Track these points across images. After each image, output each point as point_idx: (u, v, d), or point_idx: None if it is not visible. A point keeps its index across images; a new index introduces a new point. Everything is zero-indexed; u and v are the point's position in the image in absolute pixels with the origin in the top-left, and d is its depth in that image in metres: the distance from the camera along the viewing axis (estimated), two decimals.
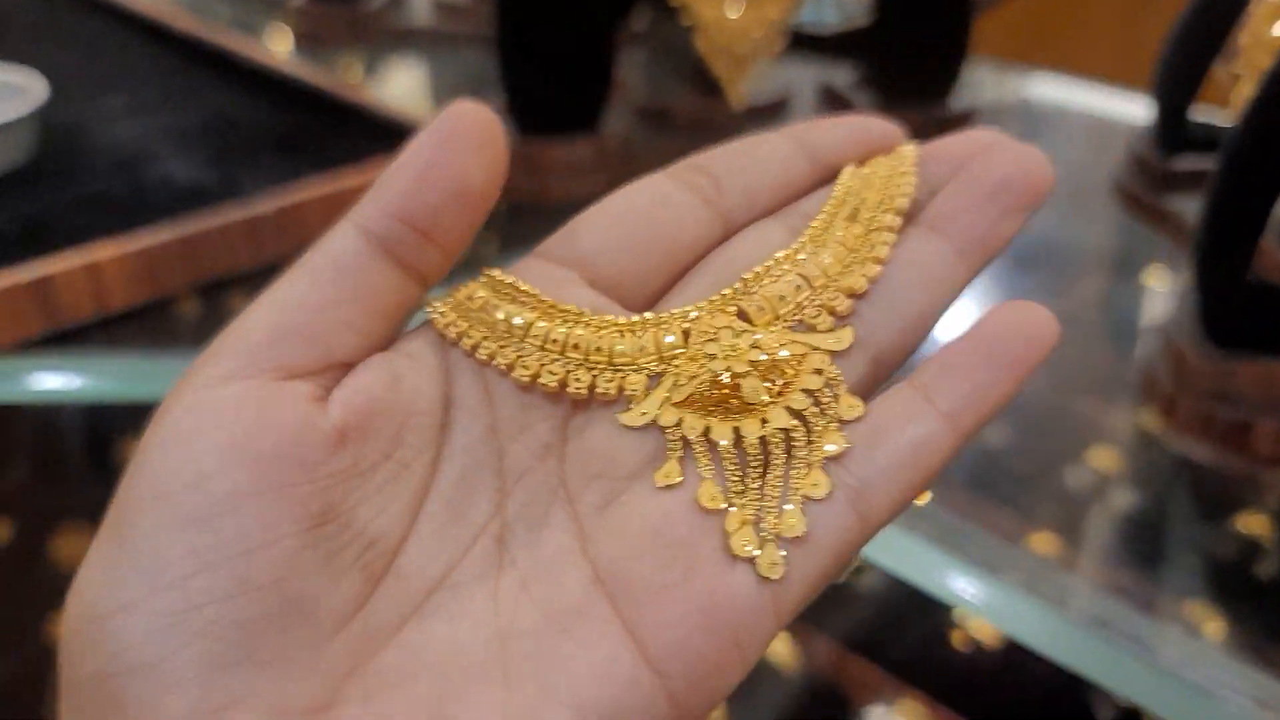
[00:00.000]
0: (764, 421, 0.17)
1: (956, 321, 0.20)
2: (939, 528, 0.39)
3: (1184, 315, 0.46)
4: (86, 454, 0.70)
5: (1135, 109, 0.70)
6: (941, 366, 0.18)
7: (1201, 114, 0.60)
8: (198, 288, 0.52)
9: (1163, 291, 0.59)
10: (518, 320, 0.19)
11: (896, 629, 0.61)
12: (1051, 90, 0.78)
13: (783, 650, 0.58)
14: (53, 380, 0.47)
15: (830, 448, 0.17)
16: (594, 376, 0.18)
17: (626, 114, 0.68)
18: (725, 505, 0.17)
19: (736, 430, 0.17)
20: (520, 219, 0.65)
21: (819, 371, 0.18)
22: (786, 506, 0.17)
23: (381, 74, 0.85)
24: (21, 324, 0.47)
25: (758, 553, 0.16)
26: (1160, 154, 0.59)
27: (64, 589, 0.17)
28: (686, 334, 0.18)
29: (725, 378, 0.17)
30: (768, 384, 0.17)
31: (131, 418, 0.70)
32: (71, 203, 0.56)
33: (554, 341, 0.18)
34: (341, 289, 0.18)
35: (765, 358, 0.17)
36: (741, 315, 0.18)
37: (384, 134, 0.63)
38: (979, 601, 0.38)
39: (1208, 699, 0.33)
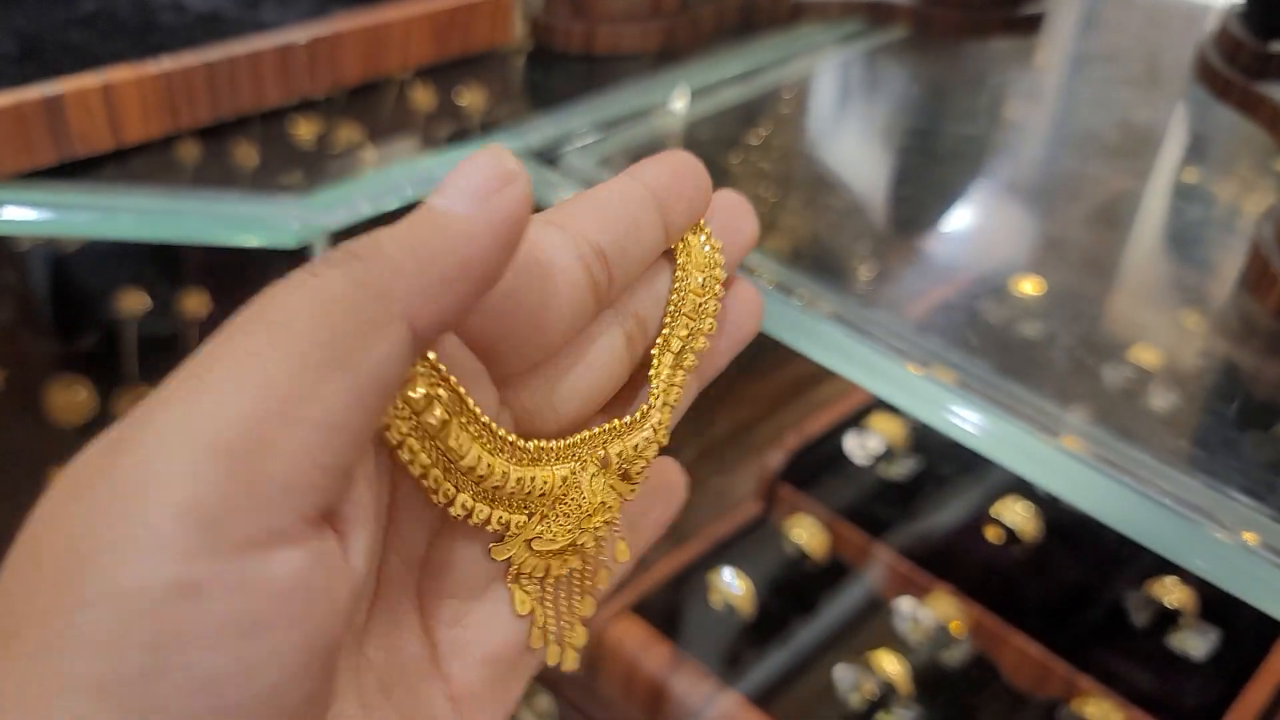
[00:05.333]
0: (565, 562, 0.21)
1: None
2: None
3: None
4: (83, 300, 0.66)
5: None
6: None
7: None
8: (220, 124, 0.47)
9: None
10: (481, 469, 0.19)
11: (928, 523, 0.60)
12: None
13: (817, 541, 0.57)
14: (59, 213, 0.43)
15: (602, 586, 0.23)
16: (491, 511, 0.19)
17: None
18: (540, 622, 0.21)
19: (548, 568, 0.21)
20: (563, 68, 0.61)
21: (608, 522, 0.22)
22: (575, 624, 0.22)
23: None
24: (30, 150, 0.42)
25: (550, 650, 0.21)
26: (1256, 37, 0.56)
27: (58, 443, 0.14)
28: (564, 480, 0.21)
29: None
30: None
31: (137, 261, 0.65)
32: (71, 21, 0.50)
33: (491, 485, 0.19)
34: (382, 406, 0.15)
35: (601, 522, 0.21)
36: (604, 461, 0.21)
37: None
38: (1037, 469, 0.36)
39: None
